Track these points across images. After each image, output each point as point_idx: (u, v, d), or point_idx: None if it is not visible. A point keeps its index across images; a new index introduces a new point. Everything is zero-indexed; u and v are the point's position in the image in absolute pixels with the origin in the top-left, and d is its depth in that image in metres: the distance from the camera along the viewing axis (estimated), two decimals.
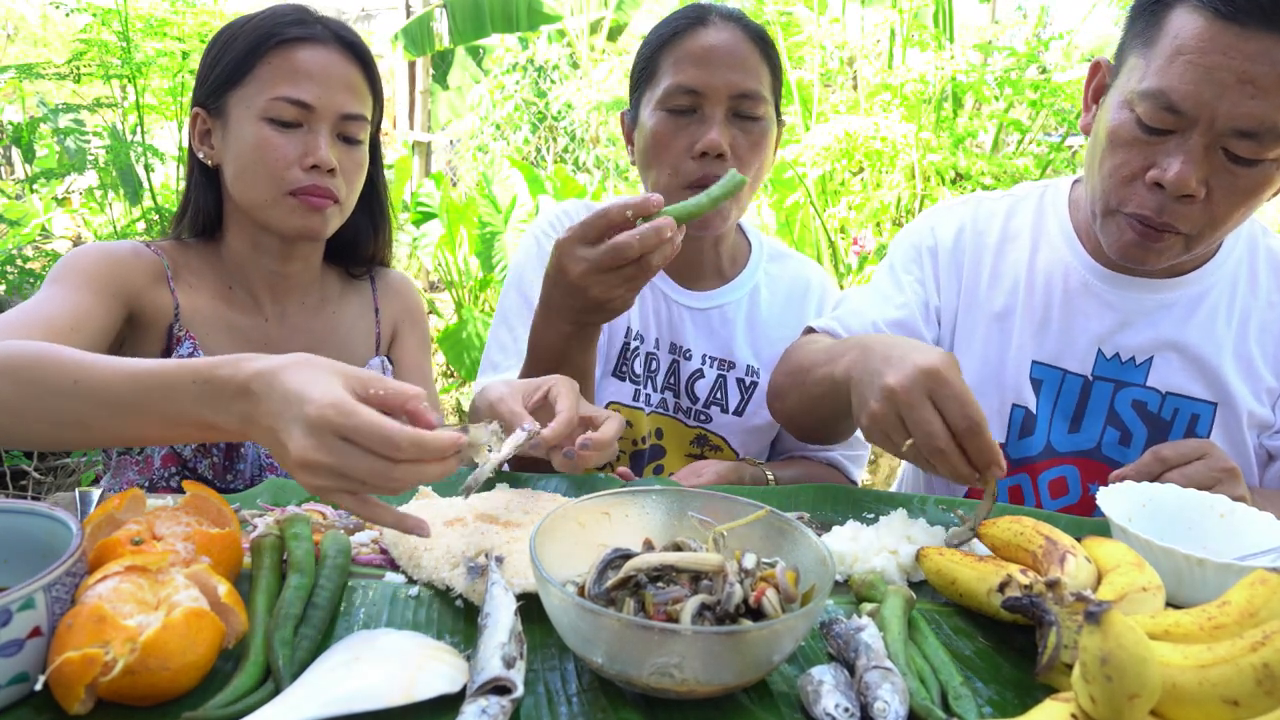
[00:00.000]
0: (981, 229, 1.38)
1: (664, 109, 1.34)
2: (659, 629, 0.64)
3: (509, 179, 4.93)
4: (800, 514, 1.05)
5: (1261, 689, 0.58)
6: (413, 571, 0.83)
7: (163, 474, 1.26)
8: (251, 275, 1.33)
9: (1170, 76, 1.04)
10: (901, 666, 0.70)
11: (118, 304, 1.21)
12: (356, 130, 1.27)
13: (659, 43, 1.37)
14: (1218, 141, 1.05)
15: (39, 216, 4.59)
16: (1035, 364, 1.32)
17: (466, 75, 8.66)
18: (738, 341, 1.50)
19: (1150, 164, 1.09)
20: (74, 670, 0.58)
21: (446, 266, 5.00)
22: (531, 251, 1.49)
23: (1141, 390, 1.28)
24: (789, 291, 1.56)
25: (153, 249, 1.29)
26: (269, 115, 1.21)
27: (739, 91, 1.31)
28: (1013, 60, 4.40)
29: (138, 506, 0.77)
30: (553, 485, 1.08)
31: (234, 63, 1.23)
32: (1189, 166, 1.05)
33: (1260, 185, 1.08)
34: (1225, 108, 1.02)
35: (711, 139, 1.29)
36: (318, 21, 1.26)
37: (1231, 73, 1.00)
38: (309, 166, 1.22)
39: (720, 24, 1.34)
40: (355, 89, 1.26)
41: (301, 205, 1.23)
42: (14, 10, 11.01)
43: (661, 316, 1.50)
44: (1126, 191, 1.13)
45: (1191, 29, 1.03)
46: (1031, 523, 0.88)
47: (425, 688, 0.63)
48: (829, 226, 4.34)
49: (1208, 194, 1.08)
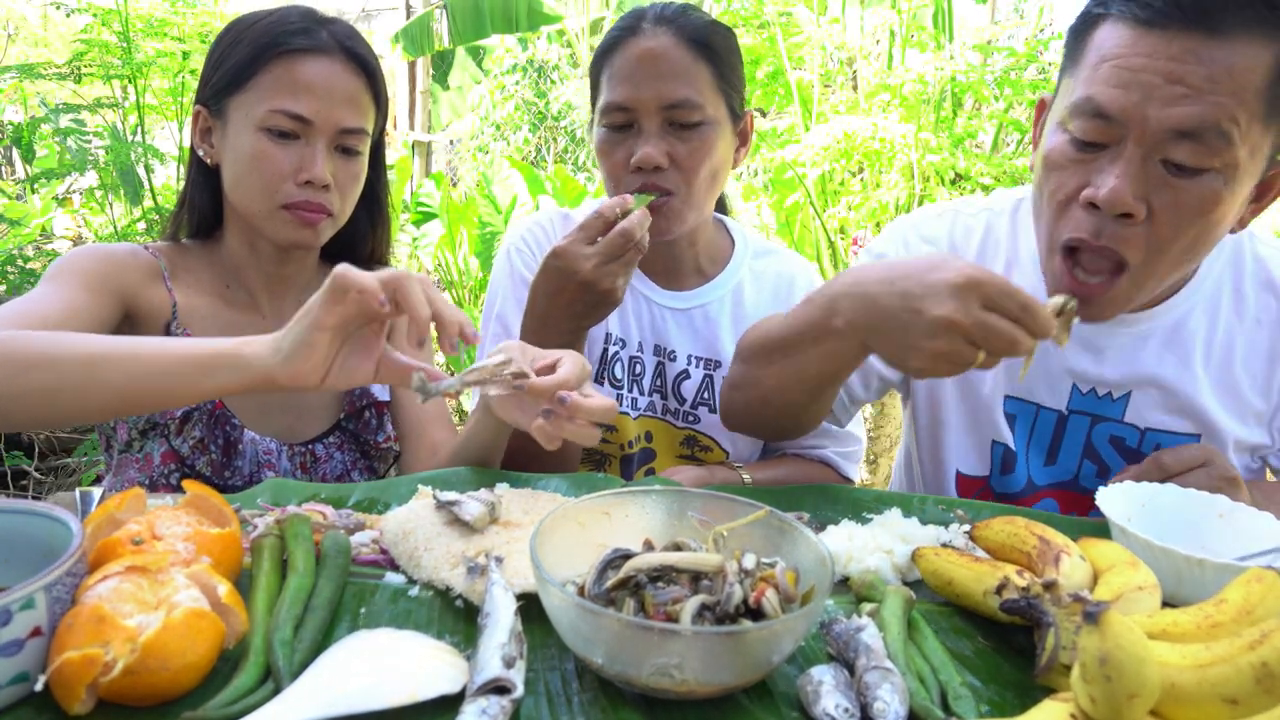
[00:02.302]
0: (959, 245, 1.32)
1: (604, 125, 1.35)
2: (659, 629, 0.64)
3: (509, 179, 4.93)
4: (800, 514, 1.05)
5: (1260, 687, 0.58)
6: (413, 571, 0.83)
7: (162, 471, 1.27)
8: (249, 275, 1.34)
9: (1095, 83, 0.99)
10: (901, 666, 0.70)
11: (114, 301, 1.21)
12: (355, 143, 1.26)
13: (599, 56, 1.37)
14: (1155, 151, 0.97)
15: (39, 216, 4.60)
16: (1008, 398, 1.28)
17: (466, 76, 8.67)
18: (723, 340, 1.49)
19: (1085, 183, 1.01)
20: (74, 670, 0.58)
21: (446, 266, 5.00)
22: (504, 270, 1.48)
23: (1119, 426, 1.23)
24: (774, 287, 1.55)
25: (150, 251, 1.30)
26: (266, 125, 1.20)
27: (669, 102, 1.29)
28: (1012, 60, 4.40)
29: (138, 506, 0.77)
30: (553, 485, 1.08)
31: (236, 68, 1.22)
32: (1124, 180, 0.97)
33: (1208, 203, 0.98)
34: (1155, 109, 0.96)
35: (645, 154, 1.29)
36: (324, 30, 1.24)
37: (1158, 74, 0.96)
38: (303, 181, 1.21)
39: (652, 31, 1.31)
40: (356, 102, 1.25)
41: (294, 219, 1.23)
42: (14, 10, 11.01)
43: (644, 319, 1.49)
44: (1065, 219, 1.05)
45: (1114, 39, 0.99)
46: (1025, 523, 0.88)
47: (425, 688, 0.63)
48: (829, 226, 4.34)
49: (1150, 214, 0.99)
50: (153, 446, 1.28)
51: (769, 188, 4.78)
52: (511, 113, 7.41)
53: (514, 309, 1.44)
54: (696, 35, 1.33)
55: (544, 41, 7.42)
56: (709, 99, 1.32)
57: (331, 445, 1.37)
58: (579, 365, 0.98)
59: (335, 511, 0.94)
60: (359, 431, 1.39)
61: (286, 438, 1.34)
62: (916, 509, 1.07)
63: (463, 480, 1.08)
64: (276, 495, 1.00)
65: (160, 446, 1.27)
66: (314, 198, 1.22)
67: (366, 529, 0.92)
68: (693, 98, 1.30)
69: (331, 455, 1.37)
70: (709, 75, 1.33)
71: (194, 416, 1.27)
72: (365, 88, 1.26)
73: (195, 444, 1.27)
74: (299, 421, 1.34)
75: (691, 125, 1.32)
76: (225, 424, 1.28)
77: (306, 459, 1.35)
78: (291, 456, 1.33)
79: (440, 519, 0.88)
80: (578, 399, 0.93)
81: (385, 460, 1.42)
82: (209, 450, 1.27)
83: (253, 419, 1.31)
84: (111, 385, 0.90)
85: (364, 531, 0.91)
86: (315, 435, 1.36)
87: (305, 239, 1.26)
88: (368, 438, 1.39)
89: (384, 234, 1.46)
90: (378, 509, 1.00)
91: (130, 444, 1.28)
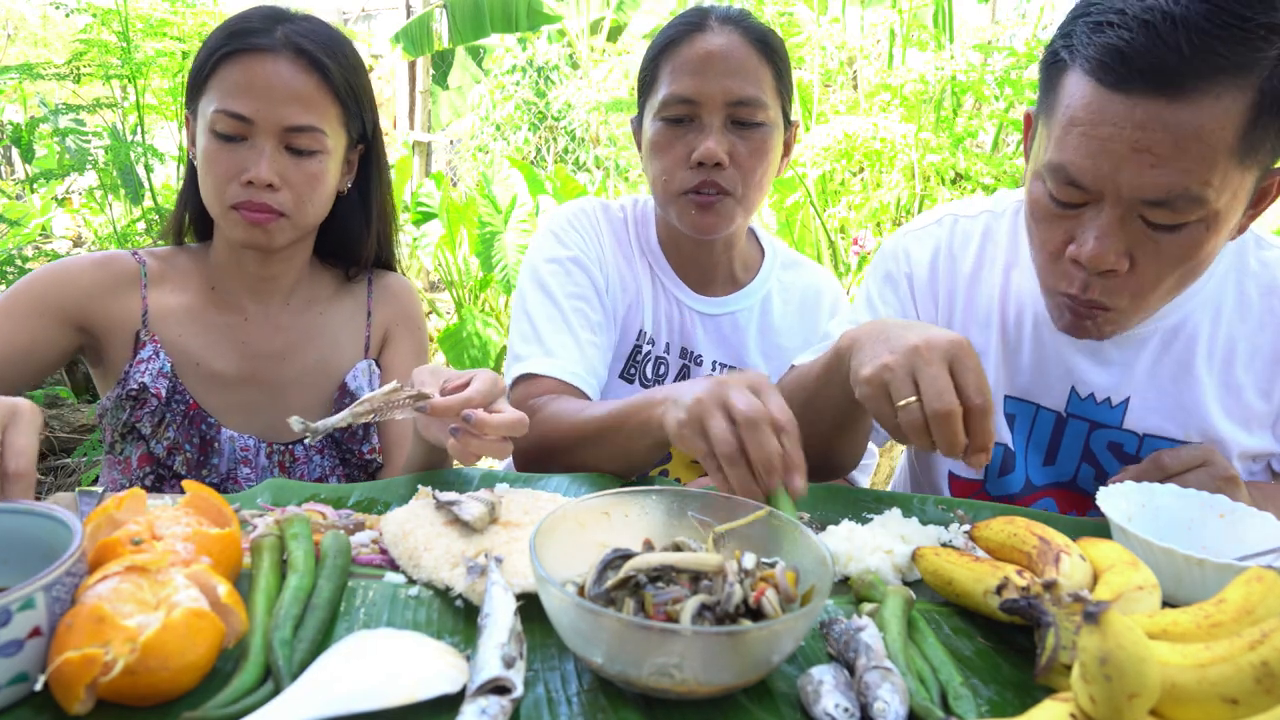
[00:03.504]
0: (956, 254, 1.32)
1: (662, 118, 1.34)
2: (659, 629, 0.64)
3: (509, 179, 4.92)
4: (800, 514, 1.05)
5: (1261, 687, 0.58)
6: (413, 571, 0.83)
7: (139, 474, 1.28)
8: (233, 276, 1.34)
9: (1066, 150, 0.98)
10: (901, 666, 0.70)
11: (61, 323, 1.25)
12: (307, 142, 1.23)
13: (658, 50, 1.36)
14: (1132, 210, 0.97)
15: (39, 216, 4.60)
16: (1008, 398, 1.28)
17: (466, 75, 8.67)
18: (749, 349, 1.49)
19: (1070, 238, 1.03)
20: (74, 670, 0.58)
21: (446, 266, 5.00)
22: (549, 244, 1.45)
23: (1118, 432, 1.22)
24: (801, 300, 1.55)
25: (137, 256, 1.31)
26: (214, 128, 1.21)
27: (736, 99, 1.29)
28: (1013, 60, 4.40)
29: (138, 507, 0.77)
30: (553, 485, 1.08)
31: (196, 69, 1.24)
32: (1104, 241, 0.98)
33: (1189, 249, 0.98)
34: (1127, 179, 0.94)
35: (708, 148, 1.29)
36: (280, 28, 1.22)
37: (1125, 144, 0.93)
38: (245, 182, 1.20)
39: (718, 28, 1.32)
40: (305, 99, 1.22)
41: (243, 220, 1.23)
42: (14, 10, 11.01)
43: (674, 321, 1.49)
44: (1055, 270, 1.07)
45: (1080, 99, 0.96)
46: (1025, 523, 0.87)
47: (425, 688, 0.63)
48: (829, 226, 4.35)
49: (1133, 265, 1.00)
50: (130, 450, 1.28)
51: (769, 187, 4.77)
52: (511, 113, 7.41)
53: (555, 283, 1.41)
54: (762, 38, 1.33)
55: (544, 41, 7.43)
56: (770, 101, 1.33)
57: (311, 449, 1.37)
58: (488, 382, 1.00)
59: (335, 511, 0.94)
60: (343, 440, 1.38)
61: (268, 436, 1.34)
62: (916, 509, 1.07)
63: (462, 480, 1.08)
64: (276, 495, 1.00)
65: (137, 450, 1.28)
66: (257, 198, 1.21)
67: (366, 529, 0.92)
68: (759, 96, 1.31)
69: (310, 458, 1.37)
70: (771, 78, 1.33)
71: (167, 419, 1.27)
72: (319, 85, 1.23)
73: (170, 445, 1.28)
74: (281, 422, 1.34)
75: (754, 125, 1.32)
76: (200, 423, 1.29)
77: (285, 459, 1.35)
78: (270, 455, 1.33)
79: (440, 519, 0.88)
80: (483, 415, 0.95)
81: (365, 471, 1.41)
82: (183, 449, 1.28)
83: (234, 418, 1.32)
84: None
85: (364, 531, 0.91)
86: (296, 437, 1.36)
87: (257, 239, 1.25)
88: (352, 447, 1.38)
89: (384, 236, 1.45)
90: (378, 509, 1.00)
91: (114, 446, 1.30)
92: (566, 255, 1.43)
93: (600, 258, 1.46)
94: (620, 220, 1.52)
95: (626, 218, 1.53)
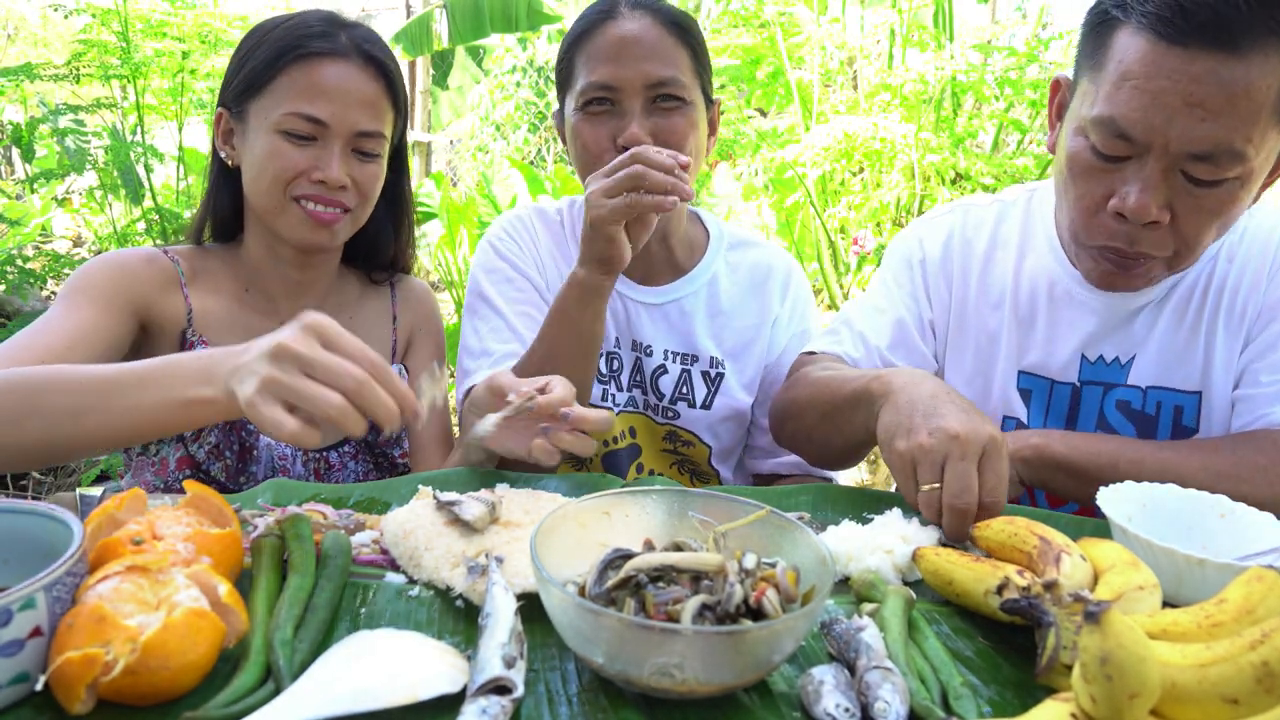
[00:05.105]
0: (970, 237, 1.37)
1: (583, 109, 1.34)
2: (659, 629, 0.64)
3: (509, 179, 4.93)
4: (800, 514, 1.05)
5: (1261, 687, 0.58)
6: (413, 571, 0.83)
7: (177, 476, 1.27)
8: (268, 278, 1.34)
9: (1118, 103, 1.02)
10: (902, 666, 0.70)
11: (127, 315, 1.22)
12: (373, 146, 1.26)
13: (572, 41, 1.37)
14: (1175, 165, 1.02)
15: (39, 216, 4.60)
16: (1022, 374, 1.31)
17: (466, 76, 8.66)
18: (699, 334, 1.49)
19: (1110, 192, 1.07)
20: (74, 670, 0.58)
21: (446, 266, 5.00)
22: (488, 256, 1.48)
23: (1125, 390, 1.26)
24: (750, 279, 1.54)
25: (169, 255, 1.30)
26: (283, 129, 1.21)
27: (654, 80, 1.30)
28: (1013, 60, 4.40)
29: (138, 507, 0.77)
30: (553, 485, 1.08)
31: (255, 72, 1.23)
32: (1147, 194, 1.03)
33: (1226, 204, 1.04)
34: (1176, 132, 0.99)
35: (631, 133, 1.29)
36: (344, 34, 1.24)
37: (1179, 96, 0.98)
38: (317, 180, 1.22)
39: (630, 14, 1.32)
40: (373, 106, 1.25)
41: (309, 219, 1.23)
42: (14, 10, 11.01)
43: (619, 316, 1.49)
44: (1094, 224, 1.11)
45: (1135, 53, 1.00)
46: (1025, 523, 0.87)
47: (425, 688, 0.63)
48: (829, 226, 4.35)
49: (1173, 218, 1.05)
50: (169, 451, 1.28)
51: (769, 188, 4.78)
52: (511, 113, 7.41)
53: (496, 294, 1.44)
54: (675, 19, 1.34)
55: (544, 41, 7.42)
56: (689, 80, 1.34)
57: (346, 454, 1.37)
58: (568, 384, 1.04)
59: (335, 511, 0.94)
60: (378, 444, 1.38)
61: None
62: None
63: (463, 480, 1.08)
64: (277, 495, 1.00)
65: (176, 451, 1.27)
66: (326, 194, 1.23)
67: (366, 529, 0.92)
68: (677, 76, 1.31)
69: (345, 464, 1.37)
70: (688, 58, 1.34)
71: None
72: (383, 91, 1.26)
73: (211, 449, 1.27)
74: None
75: (674, 105, 1.32)
76: (241, 429, 1.28)
77: (320, 466, 1.34)
78: (306, 463, 1.33)
79: (440, 519, 0.88)
80: (582, 411, 1.00)
81: (397, 474, 1.42)
82: (224, 456, 1.27)
83: None
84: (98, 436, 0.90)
85: (364, 531, 0.91)
86: (332, 443, 1.36)
87: (321, 240, 1.26)
88: (386, 451, 1.39)
89: (408, 238, 1.46)
90: (378, 509, 1.00)
91: (147, 448, 1.28)
92: (505, 265, 1.46)
93: (539, 261, 1.48)
94: (557, 223, 1.54)
95: (564, 219, 1.54)
